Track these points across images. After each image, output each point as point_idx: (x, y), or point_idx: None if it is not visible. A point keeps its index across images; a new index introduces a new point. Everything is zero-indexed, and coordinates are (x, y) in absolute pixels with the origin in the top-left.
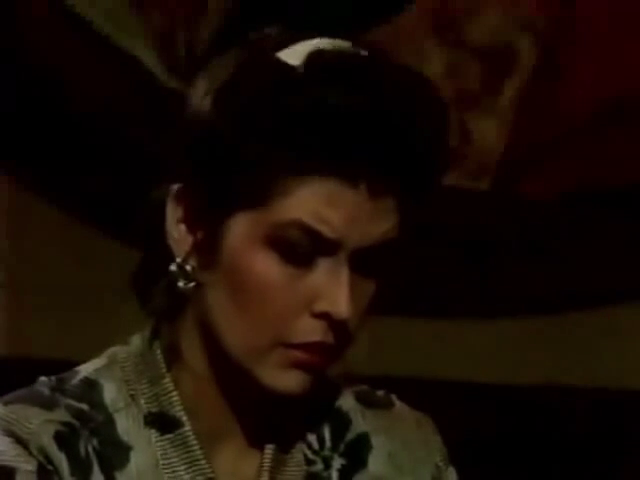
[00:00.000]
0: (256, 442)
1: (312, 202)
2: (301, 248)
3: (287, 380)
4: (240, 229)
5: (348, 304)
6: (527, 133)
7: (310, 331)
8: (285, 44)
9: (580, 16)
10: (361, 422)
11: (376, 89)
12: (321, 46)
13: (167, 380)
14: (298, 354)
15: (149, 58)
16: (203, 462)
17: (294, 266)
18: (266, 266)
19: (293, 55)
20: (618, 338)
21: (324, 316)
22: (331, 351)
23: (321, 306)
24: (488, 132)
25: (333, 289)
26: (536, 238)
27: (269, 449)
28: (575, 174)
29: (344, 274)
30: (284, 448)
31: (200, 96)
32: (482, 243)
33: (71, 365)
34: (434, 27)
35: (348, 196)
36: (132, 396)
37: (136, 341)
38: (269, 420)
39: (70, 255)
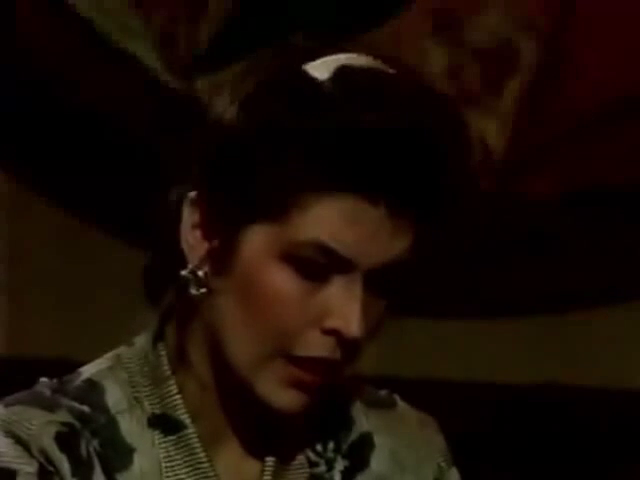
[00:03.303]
0: (259, 444)
1: (331, 220)
2: (316, 265)
3: (284, 399)
4: (256, 241)
5: (360, 323)
6: (528, 133)
7: (317, 346)
8: (312, 56)
9: (581, 15)
10: (364, 422)
11: (405, 109)
12: (349, 62)
13: (171, 382)
14: (298, 372)
15: (149, 58)
16: (206, 464)
17: (308, 281)
18: (280, 280)
19: (321, 69)
20: (618, 338)
21: (333, 332)
22: (334, 368)
23: (332, 323)
24: (489, 132)
25: (346, 307)
26: (536, 238)
27: (271, 451)
28: (575, 174)
29: (357, 292)
30: (286, 450)
31: (224, 104)
32: (482, 243)
33: (71, 364)
34: (434, 27)
35: (368, 214)
36: (136, 398)
37: (140, 342)
38: (272, 422)
39: (70, 255)
